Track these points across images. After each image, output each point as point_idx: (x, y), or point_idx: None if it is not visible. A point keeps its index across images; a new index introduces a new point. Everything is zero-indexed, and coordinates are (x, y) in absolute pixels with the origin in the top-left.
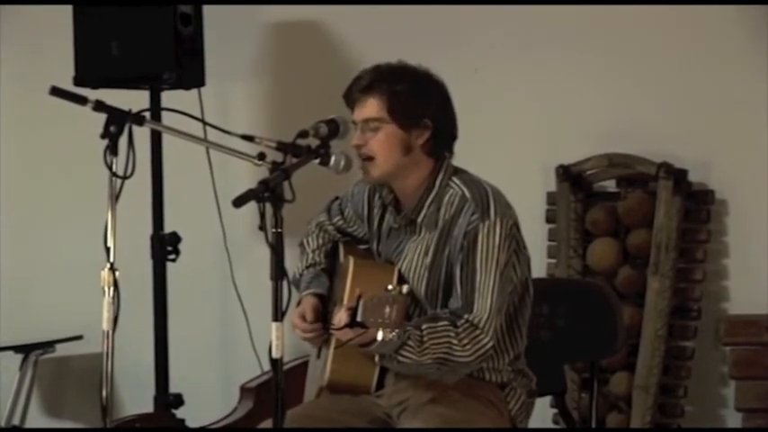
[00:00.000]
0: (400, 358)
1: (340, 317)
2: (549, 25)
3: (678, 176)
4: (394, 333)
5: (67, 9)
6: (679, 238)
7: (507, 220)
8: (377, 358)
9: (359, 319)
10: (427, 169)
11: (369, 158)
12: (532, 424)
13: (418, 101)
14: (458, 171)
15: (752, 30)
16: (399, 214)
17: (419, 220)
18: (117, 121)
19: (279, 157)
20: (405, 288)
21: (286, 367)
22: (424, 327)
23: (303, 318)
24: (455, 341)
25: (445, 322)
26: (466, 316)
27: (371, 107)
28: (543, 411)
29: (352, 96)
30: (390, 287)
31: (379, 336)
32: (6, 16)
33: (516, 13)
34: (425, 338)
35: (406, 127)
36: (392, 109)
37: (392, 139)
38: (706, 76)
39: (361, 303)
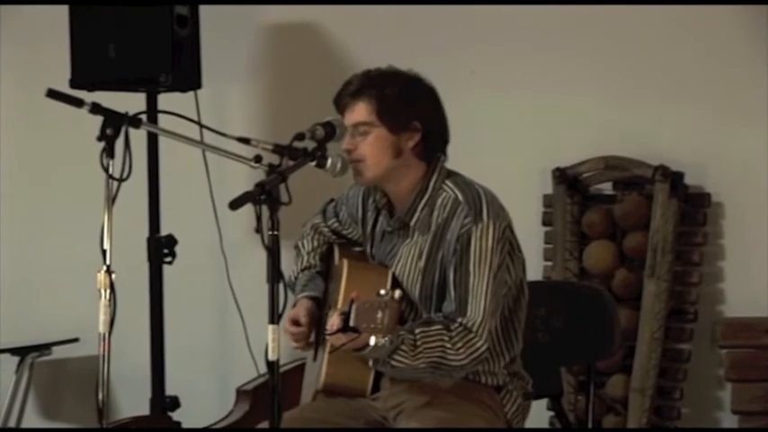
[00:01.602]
0: (393, 363)
1: (333, 322)
2: (546, 27)
3: (674, 179)
4: (386, 338)
5: (64, 11)
6: (675, 240)
7: (500, 222)
8: (371, 362)
9: (351, 324)
10: (419, 172)
11: (359, 161)
12: (529, 426)
13: (407, 104)
14: (451, 174)
15: (751, 32)
16: (392, 217)
17: (412, 223)
18: (113, 123)
19: (275, 159)
20: (397, 293)
21: (282, 370)
22: (417, 331)
23: (295, 322)
24: (449, 345)
25: (439, 326)
26: (459, 319)
27: (360, 111)
28: (540, 414)
29: (342, 101)
30: (383, 292)
31: (372, 341)
32: (4, 18)
33: (513, 15)
34: (419, 342)
35: (395, 130)
36: (381, 112)
37: (381, 142)
38: (703, 79)
39: (353, 308)
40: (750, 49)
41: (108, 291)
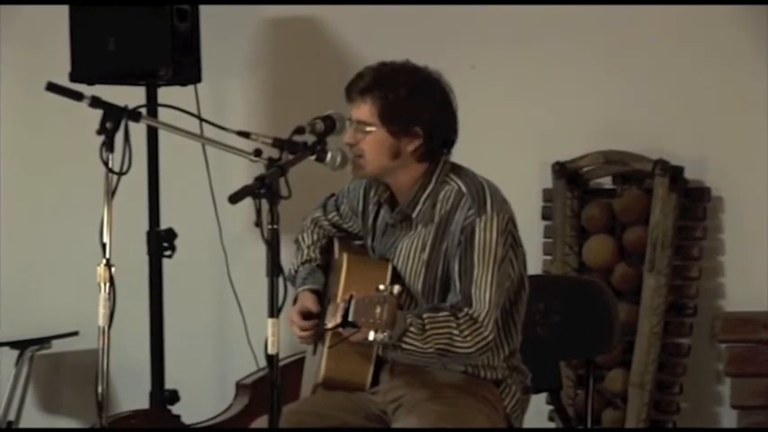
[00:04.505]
0: (404, 345)
1: (332, 317)
2: (546, 22)
3: (674, 174)
4: (385, 333)
5: (65, 7)
6: (675, 235)
7: (503, 215)
8: (380, 350)
9: (350, 318)
10: (420, 170)
11: (359, 156)
12: (528, 421)
13: (410, 109)
14: (454, 167)
15: (751, 29)
16: (394, 210)
17: (414, 215)
18: (113, 117)
19: (275, 153)
20: (396, 289)
21: (282, 363)
22: (425, 315)
23: (302, 315)
24: (456, 332)
25: (446, 313)
26: (466, 309)
27: (363, 110)
28: (539, 408)
29: (350, 94)
30: (382, 287)
31: (371, 336)
32: (4, 12)
33: (513, 10)
34: (427, 327)
35: (395, 134)
36: (383, 115)
37: (381, 143)
38: (702, 74)
39: (352, 304)
40: (748, 44)
41: (107, 284)
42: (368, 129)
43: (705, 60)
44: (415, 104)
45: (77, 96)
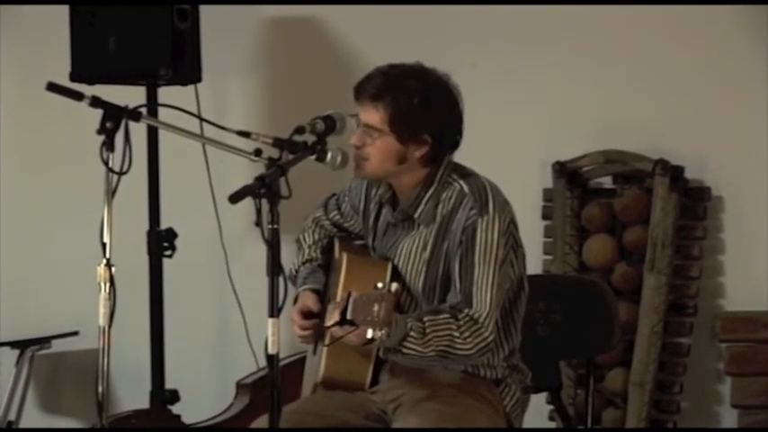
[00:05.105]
0: (404, 350)
1: (331, 315)
2: (546, 22)
3: (674, 173)
4: (383, 331)
5: (65, 6)
6: (675, 234)
7: (505, 216)
8: (381, 352)
9: (348, 317)
10: (423, 173)
11: (363, 159)
12: (528, 420)
13: (420, 116)
14: (457, 168)
15: (751, 29)
16: (396, 210)
17: (416, 215)
18: (113, 116)
19: (275, 153)
20: (393, 286)
21: (282, 363)
22: (425, 319)
23: (303, 314)
24: (456, 334)
25: (446, 315)
26: (466, 310)
27: (373, 116)
28: (539, 407)
29: (359, 97)
30: (380, 285)
31: (369, 334)
32: (4, 12)
33: (514, 10)
34: (428, 330)
35: (404, 141)
36: (392, 122)
37: (388, 148)
38: (703, 74)
39: (350, 302)
40: (749, 45)
41: (108, 284)
42: (376, 134)
43: (705, 60)
44: (426, 113)
45: (77, 96)
